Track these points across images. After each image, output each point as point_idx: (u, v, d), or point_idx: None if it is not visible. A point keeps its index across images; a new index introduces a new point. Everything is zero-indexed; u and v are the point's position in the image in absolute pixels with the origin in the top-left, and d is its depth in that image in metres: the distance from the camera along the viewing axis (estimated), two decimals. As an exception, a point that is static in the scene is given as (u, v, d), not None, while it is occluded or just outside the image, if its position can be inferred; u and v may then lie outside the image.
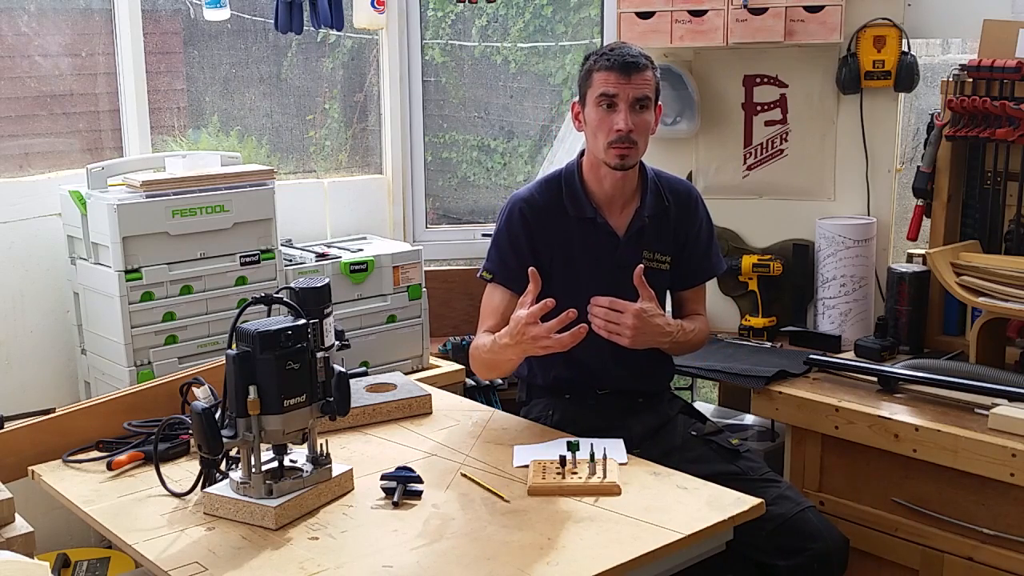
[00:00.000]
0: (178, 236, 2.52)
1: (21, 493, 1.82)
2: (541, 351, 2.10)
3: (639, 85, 2.22)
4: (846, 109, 3.00)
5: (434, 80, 3.52)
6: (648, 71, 2.25)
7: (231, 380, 1.81)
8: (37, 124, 2.87)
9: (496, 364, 2.27)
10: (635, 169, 2.34)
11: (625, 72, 2.22)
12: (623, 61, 2.22)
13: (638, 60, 2.23)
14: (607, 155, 2.26)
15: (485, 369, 2.34)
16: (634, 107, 2.23)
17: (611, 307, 2.16)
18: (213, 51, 3.16)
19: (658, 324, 2.20)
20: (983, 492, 2.23)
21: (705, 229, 2.45)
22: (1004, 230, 2.68)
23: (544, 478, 1.92)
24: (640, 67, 2.23)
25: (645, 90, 2.24)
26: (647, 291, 2.18)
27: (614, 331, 2.16)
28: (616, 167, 2.27)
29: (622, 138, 2.22)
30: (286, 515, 1.80)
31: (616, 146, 2.24)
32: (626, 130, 2.22)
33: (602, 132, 2.25)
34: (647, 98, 2.24)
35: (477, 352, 2.32)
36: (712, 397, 3.61)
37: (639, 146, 2.26)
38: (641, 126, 2.25)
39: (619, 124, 2.22)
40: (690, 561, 1.83)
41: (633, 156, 2.27)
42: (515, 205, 2.36)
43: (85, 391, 2.72)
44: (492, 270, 2.36)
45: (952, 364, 2.51)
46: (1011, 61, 2.57)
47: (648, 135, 2.29)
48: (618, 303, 2.16)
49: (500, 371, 2.37)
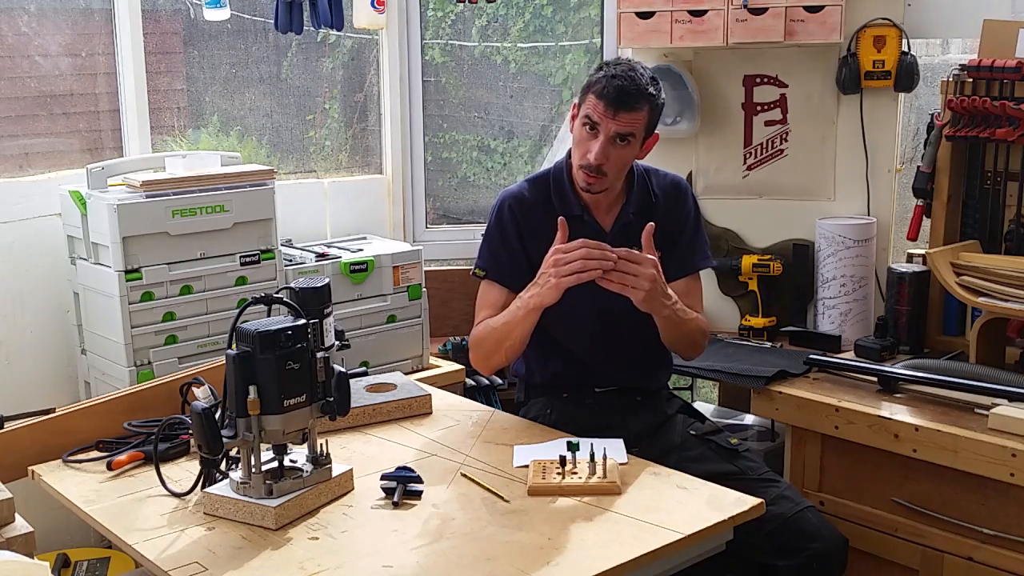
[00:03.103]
0: (178, 236, 2.52)
1: (21, 493, 1.82)
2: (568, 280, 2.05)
3: (624, 122, 2.18)
4: (846, 109, 3.00)
5: (434, 80, 3.52)
6: (642, 111, 2.19)
7: (231, 380, 1.81)
8: (37, 124, 2.87)
9: (510, 331, 2.20)
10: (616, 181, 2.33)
11: (613, 106, 2.17)
12: (616, 95, 2.17)
13: (633, 98, 2.17)
14: (577, 174, 2.27)
15: (493, 346, 2.26)
16: (614, 141, 2.20)
17: (627, 258, 2.08)
18: (213, 51, 3.16)
19: (665, 283, 2.15)
20: (983, 492, 2.23)
21: (692, 220, 2.42)
22: (1004, 230, 2.68)
23: (544, 478, 1.92)
24: (632, 106, 2.17)
25: (630, 127, 2.19)
26: (653, 251, 2.14)
27: (630, 283, 2.08)
28: (583, 190, 2.28)
29: (590, 167, 2.22)
30: (286, 515, 1.80)
31: (585, 171, 2.24)
32: (595, 163, 2.20)
33: (579, 152, 2.25)
34: (631, 135, 2.20)
35: (483, 334, 2.28)
36: (712, 397, 3.61)
37: (608, 177, 2.24)
38: (615, 160, 2.22)
39: (591, 154, 2.20)
40: (690, 561, 1.82)
41: (599, 185, 2.25)
42: (505, 202, 2.36)
43: (85, 391, 2.72)
44: (484, 267, 2.35)
45: (952, 364, 2.51)
46: (1011, 61, 2.57)
47: (623, 167, 2.27)
48: (633, 254, 2.09)
49: (510, 343, 2.23)
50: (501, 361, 2.31)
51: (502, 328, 2.23)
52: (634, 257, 2.09)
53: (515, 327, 2.20)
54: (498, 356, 2.29)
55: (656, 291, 2.11)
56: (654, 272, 2.10)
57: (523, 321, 2.18)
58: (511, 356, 2.30)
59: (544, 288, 2.10)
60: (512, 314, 2.20)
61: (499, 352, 2.27)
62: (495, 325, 2.25)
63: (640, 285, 2.08)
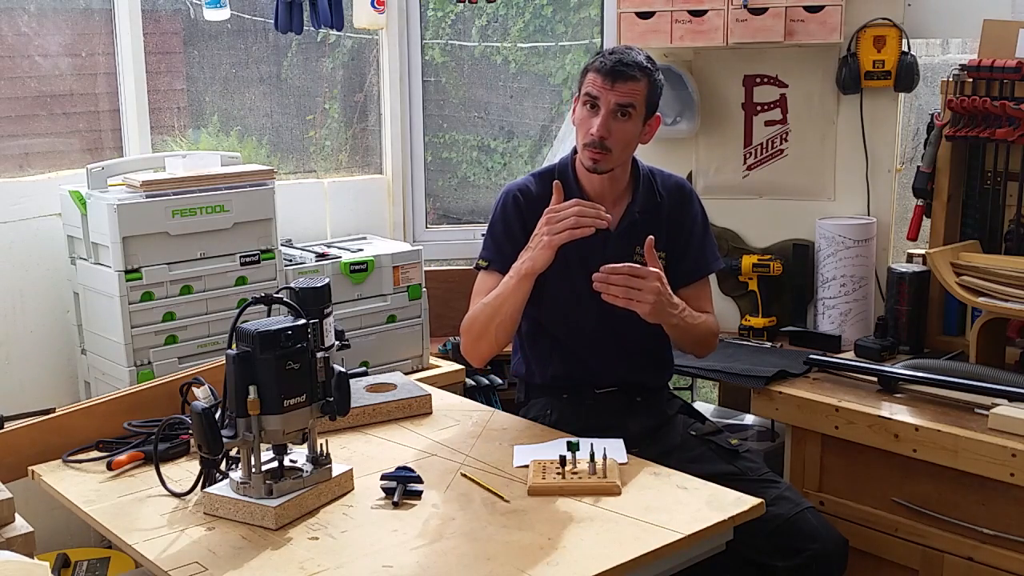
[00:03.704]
0: (178, 236, 2.52)
1: (21, 493, 1.82)
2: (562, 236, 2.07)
3: (623, 93, 2.20)
4: (846, 109, 3.00)
5: (434, 80, 3.52)
6: (639, 81, 2.21)
7: (231, 380, 1.81)
8: (37, 124, 2.87)
9: (500, 305, 2.19)
10: (625, 167, 2.34)
11: (611, 77, 2.19)
12: (613, 66, 2.20)
13: (630, 68, 2.20)
14: (583, 155, 2.27)
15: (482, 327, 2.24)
16: (615, 114, 2.21)
17: (631, 273, 2.08)
18: (213, 51, 3.16)
19: (671, 295, 2.17)
20: (983, 492, 2.23)
21: (700, 224, 2.43)
22: (1004, 230, 2.68)
23: (544, 478, 1.92)
24: (628, 76, 2.20)
25: (629, 98, 2.20)
26: (656, 262, 2.15)
27: (635, 297, 2.08)
28: (589, 169, 2.28)
29: (595, 143, 2.22)
30: (286, 515, 1.80)
31: (590, 149, 2.24)
32: (598, 136, 2.21)
33: (582, 131, 2.26)
34: (631, 106, 2.21)
35: (471, 317, 2.27)
36: (712, 397, 3.61)
37: (614, 154, 2.24)
38: (618, 134, 2.23)
39: (593, 128, 2.21)
40: (690, 561, 1.82)
41: (606, 162, 2.25)
42: (509, 194, 2.37)
43: (85, 391, 2.72)
44: (489, 258, 2.34)
45: (952, 364, 2.51)
46: (1011, 61, 2.57)
47: (628, 144, 2.27)
48: (637, 268, 2.09)
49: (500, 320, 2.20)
50: (491, 344, 2.26)
51: (493, 302, 2.21)
52: (637, 271, 2.09)
53: (507, 298, 2.19)
54: (487, 338, 2.25)
55: (662, 303, 2.12)
56: (658, 285, 2.10)
57: (515, 290, 2.17)
58: (501, 337, 2.25)
59: (537, 249, 2.11)
60: (504, 285, 2.20)
61: (489, 332, 2.24)
62: (487, 301, 2.24)
63: (645, 299, 2.09)
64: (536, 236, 2.13)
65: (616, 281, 2.08)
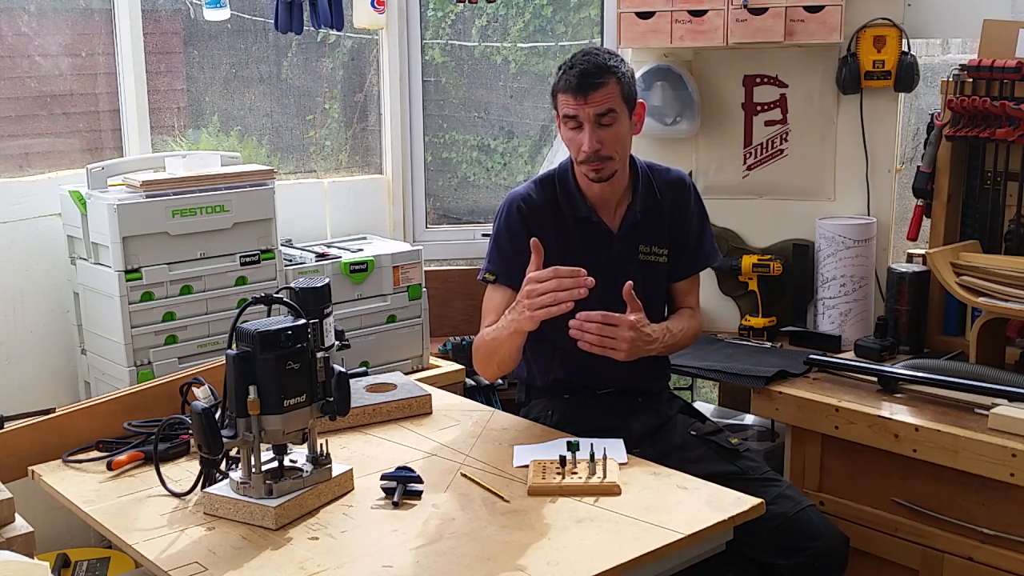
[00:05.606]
0: (178, 236, 2.52)
1: (21, 493, 1.82)
2: (540, 313, 2.05)
3: (598, 102, 2.19)
4: (846, 109, 3.00)
5: (434, 80, 3.52)
6: (608, 84, 2.19)
7: (231, 380, 1.81)
8: (37, 124, 2.87)
9: (497, 347, 2.23)
10: (624, 169, 2.34)
11: (582, 91, 2.19)
12: (579, 82, 2.18)
13: (595, 76, 2.18)
14: (582, 171, 2.29)
15: (485, 358, 2.30)
16: (598, 123, 2.21)
17: (604, 322, 2.12)
18: (213, 51, 3.16)
19: (648, 333, 2.19)
20: (983, 492, 2.23)
21: (697, 217, 2.44)
22: (1004, 230, 2.68)
23: (544, 478, 1.92)
24: (597, 85, 2.18)
25: (606, 104, 2.20)
26: (636, 304, 2.17)
27: (609, 345, 2.13)
28: (594, 180, 2.28)
29: (590, 157, 2.22)
30: (286, 515, 1.80)
31: (586, 164, 2.25)
32: (591, 151, 2.21)
33: (573, 149, 2.27)
34: (610, 111, 2.21)
35: (479, 343, 2.31)
36: (712, 397, 3.61)
37: (615, 159, 2.25)
38: (610, 140, 2.23)
39: (584, 145, 2.21)
40: (690, 561, 1.82)
41: (608, 169, 2.26)
42: (513, 203, 2.36)
43: (85, 391, 2.72)
44: (495, 271, 2.34)
45: (952, 364, 2.51)
46: (1011, 61, 2.57)
47: (623, 144, 2.27)
48: (611, 317, 2.13)
49: (499, 358, 2.28)
50: (496, 372, 2.34)
51: (492, 342, 2.26)
52: (611, 319, 2.12)
53: (503, 343, 2.22)
54: (492, 367, 2.32)
55: (637, 348, 2.16)
56: (631, 334, 2.13)
57: (507, 341, 2.21)
58: (504, 369, 2.33)
59: (521, 317, 2.12)
60: (499, 331, 2.22)
61: (492, 363, 2.31)
62: (487, 338, 2.27)
63: (619, 347, 2.14)
64: (519, 305, 2.12)
65: (590, 329, 2.12)
